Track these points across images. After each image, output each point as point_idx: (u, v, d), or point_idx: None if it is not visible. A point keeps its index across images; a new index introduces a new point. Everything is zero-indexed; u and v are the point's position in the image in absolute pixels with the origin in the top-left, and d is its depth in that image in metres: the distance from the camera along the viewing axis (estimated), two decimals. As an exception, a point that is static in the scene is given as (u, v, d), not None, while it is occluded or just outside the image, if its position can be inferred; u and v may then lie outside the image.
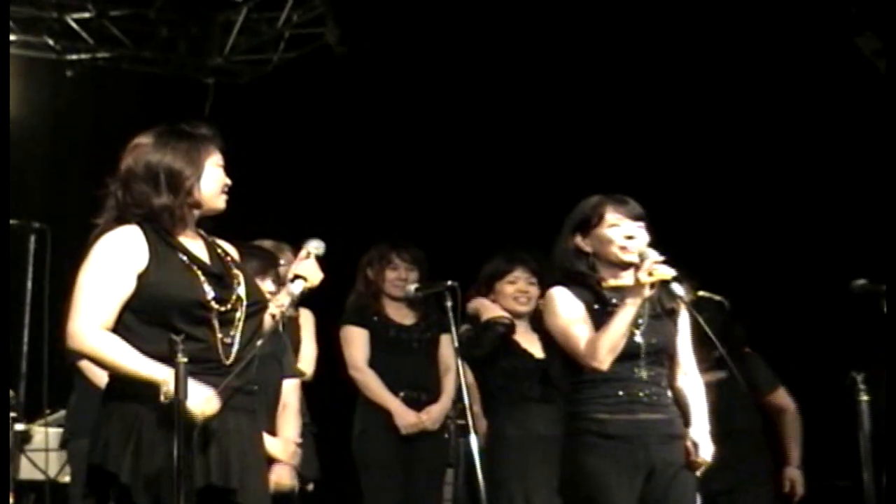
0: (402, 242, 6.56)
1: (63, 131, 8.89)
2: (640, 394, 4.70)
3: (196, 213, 4.07)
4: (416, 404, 6.30)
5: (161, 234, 4.00)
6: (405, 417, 6.26)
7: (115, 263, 3.94)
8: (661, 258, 4.62)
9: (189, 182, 4.00)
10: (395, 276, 6.47)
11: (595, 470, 4.64)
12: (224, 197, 4.09)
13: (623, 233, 4.73)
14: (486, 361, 5.99)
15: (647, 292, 4.63)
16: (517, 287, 6.15)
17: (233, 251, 4.21)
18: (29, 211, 6.22)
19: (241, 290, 4.04)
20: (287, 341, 5.57)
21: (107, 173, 4.09)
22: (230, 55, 9.22)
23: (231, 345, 3.98)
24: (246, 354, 4.01)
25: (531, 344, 6.04)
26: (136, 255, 3.95)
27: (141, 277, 3.95)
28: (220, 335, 3.96)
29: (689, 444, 4.75)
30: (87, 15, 8.86)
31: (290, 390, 5.42)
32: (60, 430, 6.44)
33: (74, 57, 8.98)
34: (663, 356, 4.77)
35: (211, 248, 4.11)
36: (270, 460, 4.83)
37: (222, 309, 3.98)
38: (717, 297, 6.16)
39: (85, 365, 6.08)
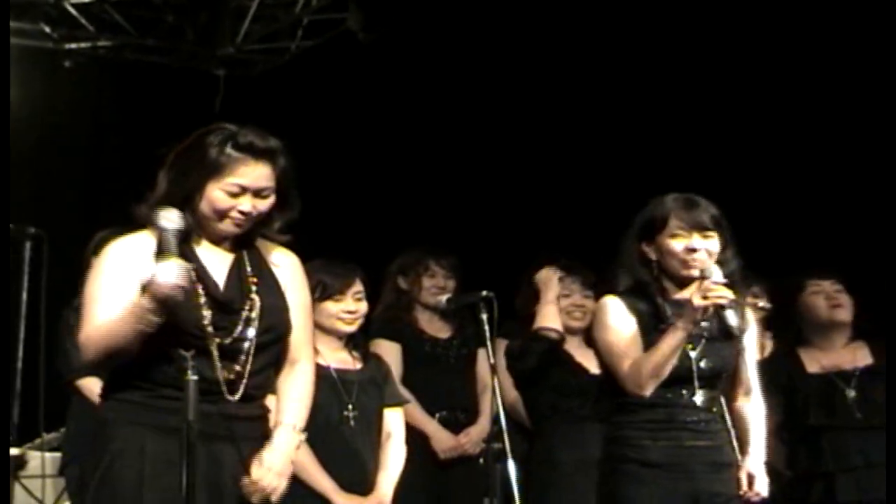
0: (439, 249, 6.59)
1: (60, 126, 8.93)
2: (688, 419, 4.72)
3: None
4: (454, 426, 6.33)
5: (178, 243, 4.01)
6: (444, 441, 6.28)
7: (115, 272, 3.99)
8: (723, 280, 4.62)
9: (175, 204, 4.01)
10: (432, 283, 6.48)
11: (631, 498, 4.69)
12: (225, 222, 4.07)
13: (685, 244, 4.72)
14: (534, 376, 6.02)
15: (701, 316, 4.64)
16: (572, 301, 6.17)
17: (283, 265, 4.20)
18: (23, 215, 6.25)
19: (254, 318, 4.04)
20: (389, 368, 5.67)
21: (108, 172, 4.13)
22: (243, 44, 9.25)
23: (238, 380, 4.01)
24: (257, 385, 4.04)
25: (586, 359, 6.06)
26: (140, 265, 3.95)
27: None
28: (219, 366, 3.97)
29: (743, 475, 4.77)
30: (86, 0, 8.91)
31: (395, 419, 5.56)
32: (58, 454, 6.49)
33: (73, 45, 9.03)
34: (718, 380, 4.78)
35: (237, 266, 4.11)
36: None
37: (226, 340, 3.99)
38: (762, 304, 6.17)
39: (84, 384, 6.14)
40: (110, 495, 3.93)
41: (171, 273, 3.82)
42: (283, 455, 4.05)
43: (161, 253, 3.89)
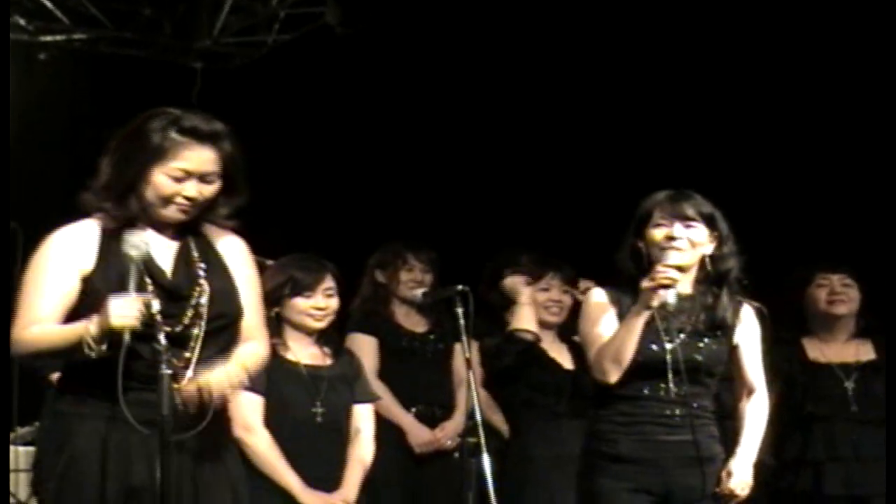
0: (417, 243, 6.60)
1: (35, 120, 8.90)
2: (660, 413, 4.74)
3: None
4: (431, 420, 6.34)
5: (123, 231, 3.98)
6: (420, 435, 6.29)
7: (54, 262, 3.96)
8: (674, 262, 4.67)
9: (118, 190, 3.99)
10: (409, 277, 6.49)
11: (605, 493, 4.71)
12: (171, 208, 4.03)
13: (665, 233, 4.77)
14: (510, 374, 6.03)
15: (655, 300, 4.67)
16: (549, 296, 6.20)
17: (230, 248, 4.16)
18: (-3, 208, 6.24)
19: (204, 305, 4.01)
20: (361, 364, 5.68)
21: (84, 166, 4.12)
22: (220, 37, 9.22)
23: (186, 367, 3.94)
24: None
25: (559, 354, 6.09)
26: (81, 255, 3.97)
27: (85, 280, 3.96)
28: (168, 355, 3.90)
29: (724, 472, 4.79)
30: (62, -8, 8.89)
31: (365, 415, 5.57)
32: (32, 448, 6.48)
33: (48, 38, 8.99)
34: (700, 374, 4.80)
35: (183, 253, 4.08)
36: None
37: (176, 328, 3.94)
38: (755, 304, 6.20)
39: (57, 379, 6.14)
40: (75, 492, 3.92)
41: (126, 309, 3.78)
42: (226, 370, 3.97)
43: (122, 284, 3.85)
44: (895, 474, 5.44)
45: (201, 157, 4.01)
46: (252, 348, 4.13)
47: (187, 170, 4.00)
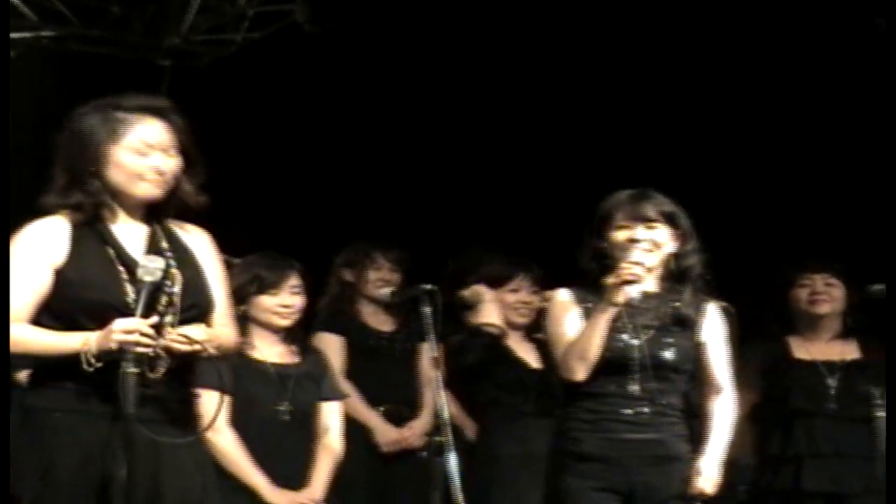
0: (385, 241, 6.61)
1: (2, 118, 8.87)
2: (627, 411, 4.77)
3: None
4: (398, 419, 6.35)
5: (91, 224, 3.99)
6: (387, 434, 6.30)
7: (25, 257, 3.94)
8: (637, 260, 4.69)
9: (84, 176, 3.99)
10: (377, 276, 6.51)
11: (571, 492, 4.74)
12: (143, 185, 4.02)
13: (628, 235, 4.81)
14: (475, 371, 6.05)
15: (620, 297, 4.69)
16: (519, 297, 6.21)
17: (196, 241, 4.16)
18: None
19: (177, 294, 3.99)
20: (329, 362, 5.72)
21: (52, 165, 4.12)
22: (189, 35, 9.20)
23: (159, 357, 3.90)
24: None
25: (527, 353, 6.11)
26: (52, 249, 3.95)
27: (58, 274, 3.95)
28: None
29: (692, 471, 4.83)
30: (29, -11, 8.85)
31: (332, 413, 5.60)
32: None
33: (15, 36, 8.95)
34: (666, 371, 4.83)
35: (153, 241, 4.06)
36: None
37: (152, 318, 3.89)
38: (721, 303, 6.24)
39: (23, 377, 6.13)
40: (56, 487, 3.90)
41: (129, 335, 3.78)
42: (201, 326, 4.00)
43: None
44: (895, 474, 5.46)
45: (155, 129, 4.03)
46: (224, 330, 4.14)
47: (147, 141, 4.01)
